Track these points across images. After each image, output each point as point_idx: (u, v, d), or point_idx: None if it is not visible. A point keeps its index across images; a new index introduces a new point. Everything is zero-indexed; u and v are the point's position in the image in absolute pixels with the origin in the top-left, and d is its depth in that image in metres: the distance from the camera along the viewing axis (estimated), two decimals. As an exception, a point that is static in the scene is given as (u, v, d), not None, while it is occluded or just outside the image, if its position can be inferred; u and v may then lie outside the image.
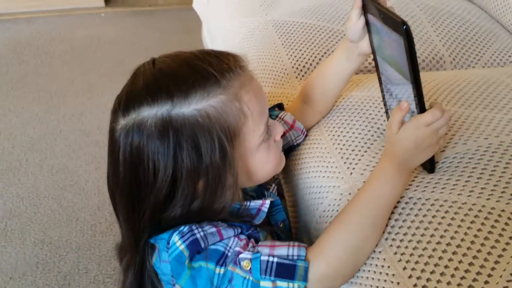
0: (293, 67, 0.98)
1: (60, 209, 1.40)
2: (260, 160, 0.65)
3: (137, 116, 0.59)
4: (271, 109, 0.80)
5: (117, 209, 0.65)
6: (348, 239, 0.59)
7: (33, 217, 1.37)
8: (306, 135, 0.81)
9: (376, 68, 0.70)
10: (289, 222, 0.78)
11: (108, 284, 1.17)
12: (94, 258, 1.24)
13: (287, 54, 1.01)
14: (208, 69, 0.60)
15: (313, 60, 0.98)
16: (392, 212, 0.62)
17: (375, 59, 0.69)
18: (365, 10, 0.67)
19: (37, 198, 1.43)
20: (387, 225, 0.61)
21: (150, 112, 0.59)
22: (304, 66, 0.97)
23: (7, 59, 2.23)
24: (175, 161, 0.59)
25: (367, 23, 0.67)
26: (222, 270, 0.59)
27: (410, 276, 0.56)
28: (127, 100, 0.61)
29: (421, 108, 0.61)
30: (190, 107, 0.59)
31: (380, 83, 0.71)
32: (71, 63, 2.22)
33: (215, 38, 1.33)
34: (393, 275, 0.57)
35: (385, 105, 0.72)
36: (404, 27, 0.56)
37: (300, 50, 1.00)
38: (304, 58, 0.99)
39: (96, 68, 2.18)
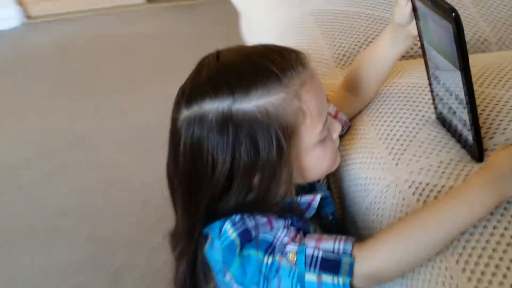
0: (332, 56, 0.97)
1: (108, 205, 1.43)
2: (316, 159, 0.65)
3: (199, 109, 0.60)
4: None
5: (175, 196, 0.67)
6: (403, 256, 0.57)
7: (82, 214, 1.41)
8: (350, 127, 0.80)
9: (423, 54, 0.68)
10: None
11: (157, 279, 1.19)
12: (143, 253, 1.27)
13: (326, 44, 0.99)
14: (270, 66, 0.60)
15: (353, 49, 0.96)
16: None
17: (422, 45, 0.67)
18: None
19: (86, 194, 1.47)
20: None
21: (212, 106, 0.59)
22: (344, 55, 0.96)
23: (54, 59, 2.29)
24: (233, 156, 0.59)
25: (414, 8, 0.66)
26: (270, 259, 0.59)
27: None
28: (191, 92, 0.62)
29: (470, 96, 0.59)
30: (251, 103, 0.59)
31: (427, 70, 0.69)
32: (114, 60, 2.27)
33: (253, 30, 1.33)
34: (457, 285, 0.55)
35: (432, 92, 0.70)
36: (454, 14, 0.54)
37: (340, 39, 0.99)
38: (344, 47, 0.97)
39: (139, 64, 2.22)
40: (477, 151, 0.63)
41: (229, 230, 0.61)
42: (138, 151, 1.61)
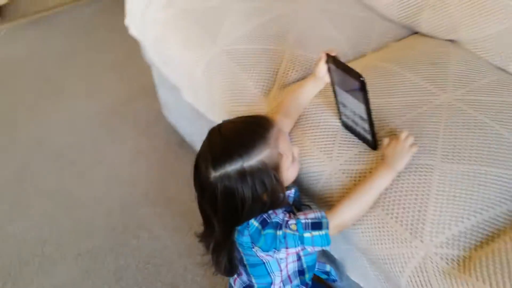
0: (256, 88, 1.39)
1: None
2: (291, 172, 1.08)
3: (224, 171, 0.99)
4: None
5: (213, 223, 1.06)
6: (356, 211, 1.05)
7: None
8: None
9: (333, 92, 1.14)
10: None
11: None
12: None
13: (247, 77, 1.41)
14: (258, 134, 1.02)
15: (270, 78, 1.39)
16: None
17: (333, 87, 1.13)
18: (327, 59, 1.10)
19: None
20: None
21: (231, 168, 0.99)
22: (264, 85, 1.39)
23: None
24: (253, 192, 1.01)
25: (328, 67, 1.11)
26: (280, 232, 1.03)
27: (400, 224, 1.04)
28: (213, 161, 1.01)
29: (369, 115, 1.06)
30: (254, 160, 1.00)
31: (336, 100, 1.15)
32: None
33: (171, 65, 1.68)
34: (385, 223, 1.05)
35: (339, 112, 1.17)
36: (361, 78, 1.00)
37: (257, 72, 1.41)
38: (262, 78, 1.40)
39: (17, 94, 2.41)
40: (373, 144, 1.13)
41: (254, 222, 1.04)
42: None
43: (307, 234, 1.03)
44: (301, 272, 1.19)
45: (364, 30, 1.54)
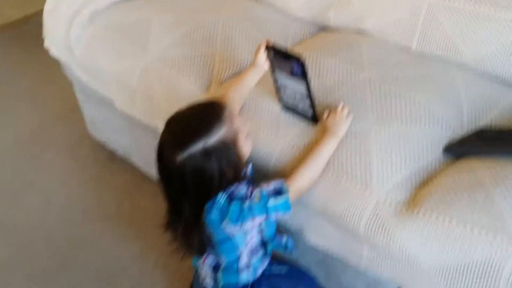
0: (195, 86, 1.49)
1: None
2: (247, 147, 1.19)
3: (188, 153, 1.08)
4: None
5: (185, 206, 1.13)
6: (310, 176, 1.18)
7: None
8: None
9: (273, 77, 1.27)
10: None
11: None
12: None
13: (185, 78, 1.51)
14: (215, 116, 1.12)
15: (207, 77, 1.50)
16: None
17: (272, 73, 1.27)
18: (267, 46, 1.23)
19: None
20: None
21: (195, 148, 1.08)
22: (202, 83, 1.49)
23: None
24: (219, 165, 1.10)
25: (268, 55, 1.24)
26: (246, 203, 1.12)
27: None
28: (177, 145, 1.09)
29: (309, 92, 1.21)
30: (214, 138, 1.10)
31: (276, 85, 1.29)
32: None
33: (100, 77, 1.73)
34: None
35: (278, 95, 1.31)
36: (301, 59, 1.14)
37: (193, 72, 1.51)
38: (199, 77, 1.50)
39: None
40: (314, 118, 1.27)
41: (221, 198, 1.13)
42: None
43: (270, 202, 1.14)
44: (263, 244, 1.29)
45: (282, 30, 1.70)
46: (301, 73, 1.18)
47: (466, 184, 1.07)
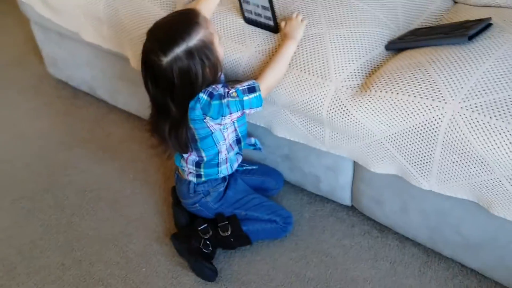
0: (161, 9, 1.63)
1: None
2: (221, 50, 1.35)
3: (174, 54, 1.23)
4: None
5: (171, 107, 1.28)
6: (277, 74, 1.36)
7: None
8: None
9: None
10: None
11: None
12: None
13: (150, 2, 1.65)
14: (190, 19, 1.26)
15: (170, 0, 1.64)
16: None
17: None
18: None
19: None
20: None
21: (179, 50, 1.23)
22: (168, 5, 1.63)
23: None
24: (202, 65, 1.26)
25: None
26: (225, 100, 1.30)
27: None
28: (162, 47, 1.23)
29: (273, 13, 1.39)
30: (195, 39, 1.25)
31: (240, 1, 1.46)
32: None
33: (64, 13, 1.82)
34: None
35: (242, 9, 1.48)
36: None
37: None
38: (161, 3, 1.64)
39: None
40: (276, 28, 1.46)
41: (203, 96, 1.30)
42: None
43: (246, 98, 1.32)
44: (238, 141, 1.49)
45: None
46: None
47: (408, 66, 1.30)
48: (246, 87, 1.33)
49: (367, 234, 1.59)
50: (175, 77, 1.25)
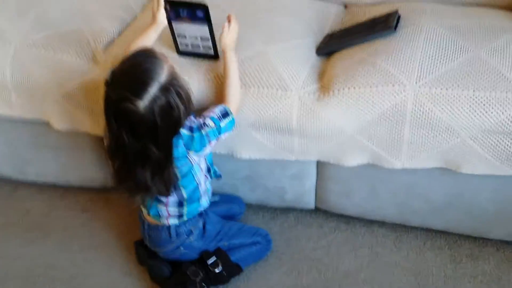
0: (79, 59, 1.54)
1: None
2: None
3: (150, 95, 1.16)
4: None
5: (152, 150, 1.21)
6: (237, 90, 1.37)
7: None
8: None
9: (171, 31, 1.42)
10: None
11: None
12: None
13: (64, 56, 1.54)
14: (150, 58, 1.22)
15: (86, 48, 1.55)
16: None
17: (171, 26, 1.42)
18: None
19: None
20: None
21: (153, 90, 1.17)
22: (86, 54, 1.54)
23: None
24: (179, 97, 1.21)
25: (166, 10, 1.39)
26: (204, 131, 1.28)
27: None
28: (135, 91, 1.16)
29: (211, 33, 1.41)
30: (163, 75, 1.18)
31: (173, 36, 1.44)
32: None
33: None
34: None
35: (176, 43, 1.46)
36: (205, 5, 1.33)
37: (71, 48, 1.54)
38: (79, 50, 1.55)
39: None
40: (216, 54, 1.46)
41: (184, 131, 1.27)
42: None
43: (222, 124, 1.32)
44: (208, 170, 1.46)
45: None
46: (204, 17, 1.36)
47: (355, 64, 1.42)
48: (219, 113, 1.33)
49: (337, 230, 1.67)
50: (157, 118, 1.19)
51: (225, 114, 1.33)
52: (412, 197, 1.54)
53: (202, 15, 1.36)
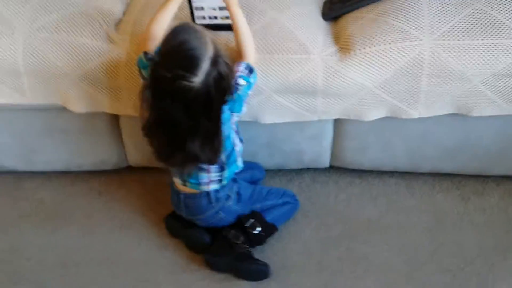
0: (96, 40, 1.52)
1: None
2: None
3: (203, 70, 1.19)
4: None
5: (206, 120, 1.25)
6: (251, 42, 1.39)
7: None
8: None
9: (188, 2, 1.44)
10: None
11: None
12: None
13: (81, 37, 1.52)
14: (193, 32, 1.24)
15: (98, 29, 1.54)
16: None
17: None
18: None
19: None
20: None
21: (205, 64, 1.20)
22: (100, 35, 1.53)
23: None
24: (226, 65, 1.25)
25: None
26: (239, 91, 1.33)
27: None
28: (189, 68, 1.19)
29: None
30: (210, 47, 1.21)
31: (191, 8, 1.46)
32: None
33: None
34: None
35: (193, 18, 1.48)
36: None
37: (85, 30, 1.53)
38: (92, 32, 1.53)
39: None
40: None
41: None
42: None
43: (252, 80, 1.38)
44: (237, 132, 1.50)
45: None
46: None
47: (367, 24, 1.51)
48: (245, 70, 1.37)
49: (353, 184, 1.78)
50: (211, 91, 1.23)
51: (250, 69, 1.38)
52: (424, 144, 1.67)
53: None
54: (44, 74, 1.52)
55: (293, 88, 1.50)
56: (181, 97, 1.21)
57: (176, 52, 1.22)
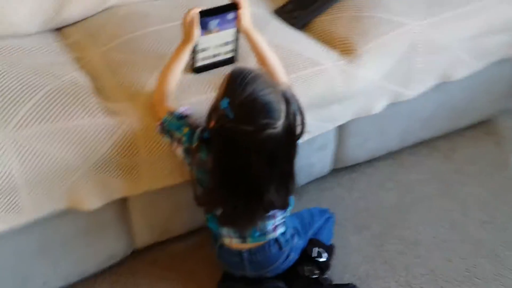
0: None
1: None
2: None
3: (282, 111, 1.11)
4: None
5: (286, 162, 1.17)
6: (279, 63, 1.32)
7: None
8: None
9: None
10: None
11: None
12: None
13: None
14: (258, 75, 1.15)
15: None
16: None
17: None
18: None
19: None
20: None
21: (279, 104, 1.11)
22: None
23: None
24: (298, 101, 1.18)
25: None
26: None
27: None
28: (270, 114, 1.09)
29: (237, 39, 1.34)
30: (276, 85, 1.16)
31: (194, 52, 1.31)
32: None
33: None
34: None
35: (194, 59, 1.34)
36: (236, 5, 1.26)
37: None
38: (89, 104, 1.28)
39: None
40: (235, 56, 1.39)
41: None
42: None
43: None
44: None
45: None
46: (235, 18, 1.29)
47: (353, 23, 1.55)
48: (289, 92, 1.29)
49: (355, 180, 1.81)
50: (294, 129, 1.16)
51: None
52: (411, 120, 1.77)
53: (233, 16, 1.28)
54: (48, 176, 1.21)
55: (314, 102, 1.44)
56: (266, 147, 1.12)
57: (250, 102, 1.11)
